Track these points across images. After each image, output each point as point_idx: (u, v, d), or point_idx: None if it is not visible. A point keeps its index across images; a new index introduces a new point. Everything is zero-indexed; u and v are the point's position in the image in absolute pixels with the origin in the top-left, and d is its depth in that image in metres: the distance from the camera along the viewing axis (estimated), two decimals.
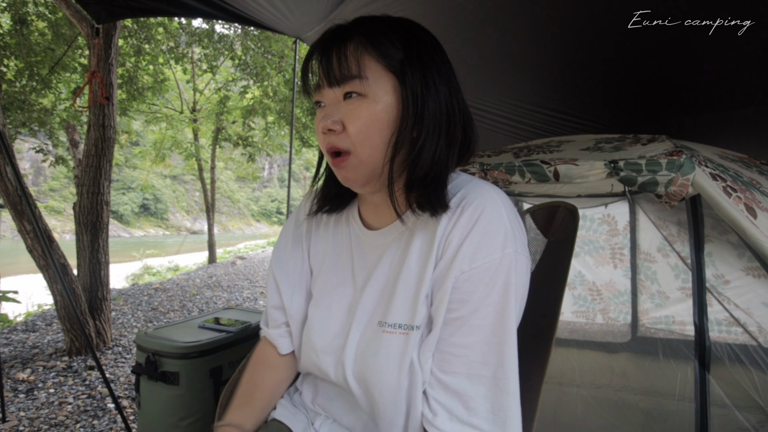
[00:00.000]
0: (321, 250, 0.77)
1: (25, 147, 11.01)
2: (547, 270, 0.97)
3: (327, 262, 0.75)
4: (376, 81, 0.57)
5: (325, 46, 0.59)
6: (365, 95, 0.57)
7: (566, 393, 2.07)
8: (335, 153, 0.60)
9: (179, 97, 9.21)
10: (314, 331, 0.71)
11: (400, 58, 0.58)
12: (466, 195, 0.60)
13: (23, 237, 2.83)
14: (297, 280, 0.77)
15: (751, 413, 1.55)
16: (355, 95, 0.58)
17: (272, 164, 48.78)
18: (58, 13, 4.80)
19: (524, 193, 2.23)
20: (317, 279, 0.75)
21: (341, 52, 0.58)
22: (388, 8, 1.76)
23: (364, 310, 0.66)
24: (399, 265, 0.64)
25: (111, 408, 2.42)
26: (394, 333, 0.61)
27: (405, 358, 0.59)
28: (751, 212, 1.05)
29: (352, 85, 0.57)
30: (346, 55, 0.57)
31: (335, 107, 0.59)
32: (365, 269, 0.69)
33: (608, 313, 2.33)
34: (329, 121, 0.58)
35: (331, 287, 0.72)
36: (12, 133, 5.22)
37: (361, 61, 0.57)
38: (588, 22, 1.59)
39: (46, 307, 4.98)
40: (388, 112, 0.58)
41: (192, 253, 15.80)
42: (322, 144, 0.62)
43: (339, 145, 0.59)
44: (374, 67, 0.58)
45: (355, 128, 0.57)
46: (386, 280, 0.65)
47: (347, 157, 0.59)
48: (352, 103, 0.58)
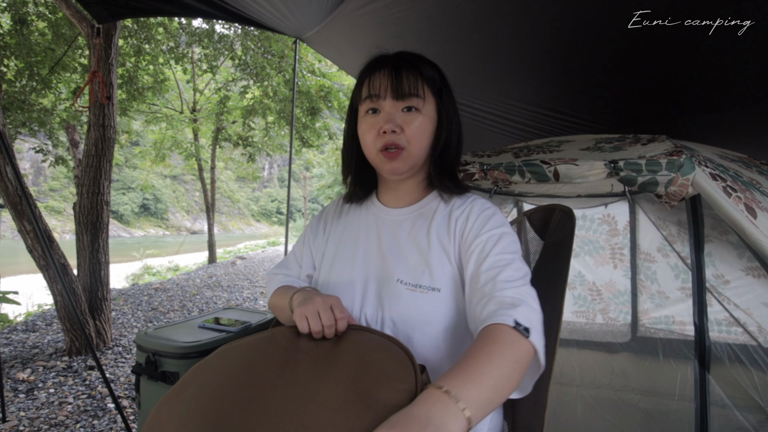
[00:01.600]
0: (342, 230, 0.93)
1: (25, 147, 11.01)
2: (546, 271, 0.97)
3: (347, 238, 0.91)
4: (427, 100, 0.80)
5: (395, 66, 0.79)
6: (420, 110, 0.79)
7: (566, 393, 2.07)
8: (392, 148, 0.78)
9: (179, 97, 9.21)
10: (338, 284, 0.86)
11: (440, 86, 0.82)
12: (471, 197, 0.87)
13: (23, 237, 2.83)
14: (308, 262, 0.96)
15: (751, 413, 1.55)
16: (414, 109, 0.78)
17: (272, 164, 48.79)
18: (58, 13, 4.79)
19: (524, 193, 2.23)
20: (339, 249, 0.91)
21: (410, 75, 0.78)
22: (388, 9, 1.76)
23: (377, 267, 0.83)
24: (416, 237, 0.83)
25: (111, 408, 2.42)
26: (415, 291, 0.77)
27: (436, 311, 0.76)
28: (751, 212, 1.05)
29: (414, 101, 0.78)
30: (413, 79, 0.78)
31: (395, 114, 0.78)
32: (380, 236, 0.87)
33: (608, 313, 2.33)
34: (392, 125, 0.77)
35: (351, 251, 0.88)
36: (12, 133, 5.22)
37: (423, 85, 0.79)
38: (588, 23, 1.59)
39: (46, 307, 4.98)
40: (432, 122, 0.81)
41: (192, 253, 15.80)
42: (375, 142, 0.79)
43: (398, 143, 0.78)
44: (427, 90, 0.80)
45: (411, 132, 0.78)
46: (401, 246, 0.83)
47: (401, 151, 0.78)
48: (411, 114, 0.78)
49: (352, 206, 0.96)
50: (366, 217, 0.91)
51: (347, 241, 0.90)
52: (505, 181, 1.36)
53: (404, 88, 0.77)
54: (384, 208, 0.90)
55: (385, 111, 0.79)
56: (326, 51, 2.60)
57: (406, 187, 0.88)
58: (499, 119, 2.50)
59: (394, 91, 0.77)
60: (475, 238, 0.78)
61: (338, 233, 0.93)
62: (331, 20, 2.03)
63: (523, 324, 0.61)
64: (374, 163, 0.83)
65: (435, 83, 0.81)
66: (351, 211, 0.95)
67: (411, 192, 0.88)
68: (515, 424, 0.89)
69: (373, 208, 0.92)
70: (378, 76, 0.79)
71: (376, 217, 0.90)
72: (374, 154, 0.81)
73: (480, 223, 0.80)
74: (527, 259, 1.07)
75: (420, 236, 0.83)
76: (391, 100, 0.78)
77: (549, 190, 2.16)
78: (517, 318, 0.62)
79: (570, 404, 2.03)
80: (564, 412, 2.00)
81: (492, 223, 0.80)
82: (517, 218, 1.13)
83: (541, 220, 1.05)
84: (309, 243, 0.97)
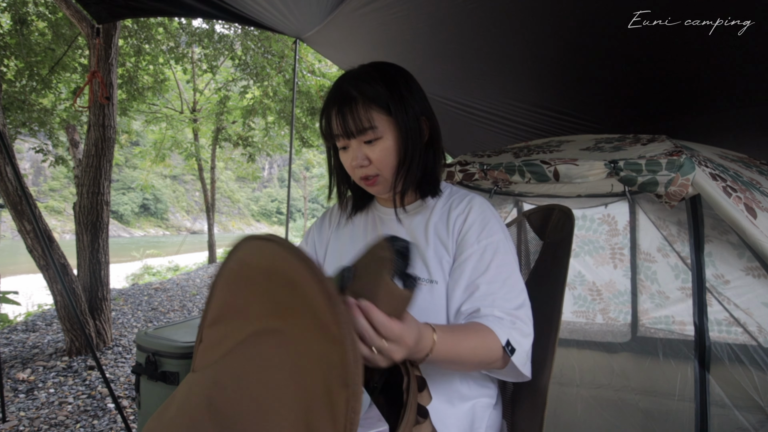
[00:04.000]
0: (344, 234, 0.96)
1: (25, 147, 11.01)
2: (545, 271, 0.97)
3: (348, 243, 0.93)
4: (381, 124, 0.79)
5: (340, 108, 0.78)
6: (378, 137, 0.79)
7: (566, 393, 2.07)
8: (367, 178, 0.82)
9: (179, 97, 9.21)
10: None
11: (387, 101, 0.79)
12: (470, 195, 0.89)
13: (23, 237, 2.83)
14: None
15: (751, 413, 1.55)
16: (372, 140, 0.79)
17: (272, 164, 48.78)
18: (58, 13, 4.79)
19: (524, 193, 2.23)
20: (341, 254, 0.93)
21: (355, 111, 0.77)
22: (388, 9, 1.76)
23: None
24: (414, 233, 0.87)
25: (111, 408, 2.42)
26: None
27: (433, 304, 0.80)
28: (751, 212, 1.05)
29: (368, 134, 0.78)
30: (357, 114, 0.77)
31: (359, 150, 0.80)
32: (378, 232, 0.90)
33: (608, 313, 2.32)
34: (358, 161, 0.80)
35: (353, 249, 0.90)
36: (12, 133, 5.22)
37: (369, 115, 0.78)
38: (588, 23, 1.59)
39: (46, 307, 4.98)
40: (395, 140, 0.80)
41: (192, 253, 15.80)
42: (354, 174, 0.83)
43: (369, 173, 0.81)
44: (376, 115, 0.78)
45: (377, 160, 0.80)
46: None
47: (376, 178, 0.82)
48: (371, 145, 0.80)
49: (358, 213, 0.99)
50: (365, 216, 0.96)
51: (349, 246, 0.93)
52: (505, 181, 1.36)
53: (351, 127, 0.78)
54: (382, 207, 0.94)
55: (351, 148, 0.81)
56: (326, 51, 2.60)
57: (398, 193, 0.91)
58: (499, 119, 2.50)
59: (346, 133, 0.79)
60: (474, 243, 0.80)
61: (345, 235, 0.96)
62: (331, 20, 2.03)
63: (511, 345, 0.71)
64: (362, 187, 0.87)
65: (381, 100, 0.78)
66: (356, 217, 0.98)
67: (406, 195, 0.90)
68: (514, 423, 0.89)
69: (372, 209, 0.96)
70: (332, 116, 0.80)
71: (374, 216, 0.94)
72: (358, 182, 0.85)
73: (478, 227, 0.82)
74: (527, 259, 1.07)
75: (418, 233, 0.86)
76: (347, 140, 0.80)
77: (549, 190, 2.16)
78: (511, 339, 0.71)
79: (570, 404, 2.03)
80: (564, 412, 2.00)
81: (490, 228, 0.82)
82: (517, 218, 1.13)
83: (540, 220, 1.05)
84: (314, 241, 0.99)
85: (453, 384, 0.80)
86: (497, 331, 0.71)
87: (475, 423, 0.79)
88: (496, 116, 2.47)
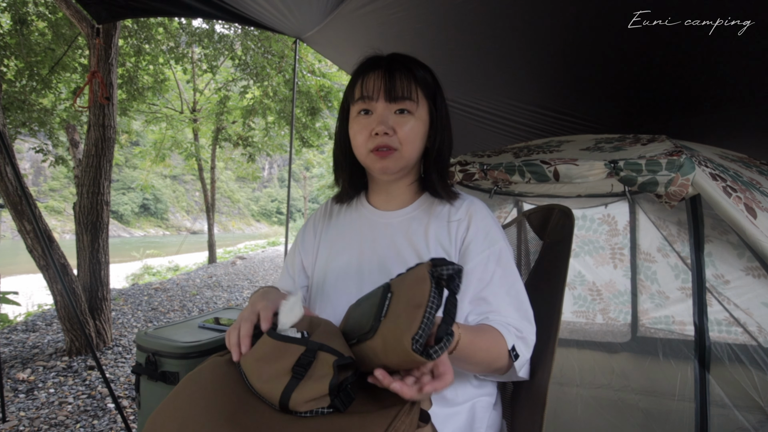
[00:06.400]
0: (333, 233, 0.93)
1: (25, 147, 11.01)
2: (545, 271, 0.97)
3: (340, 241, 0.90)
4: (420, 104, 0.79)
5: (389, 68, 0.78)
6: (413, 113, 0.78)
7: (566, 393, 2.07)
8: (384, 148, 0.78)
9: (179, 97, 9.20)
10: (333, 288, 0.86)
11: (434, 90, 0.82)
12: (468, 199, 0.88)
13: (23, 237, 2.83)
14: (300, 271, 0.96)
15: (751, 413, 1.55)
16: (406, 112, 0.78)
17: (272, 164, 48.76)
18: (58, 13, 4.79)
19: (524, 193, 2.23)
20: (332, 253, 0.90)
21: (404, 78, 0.77)
22: (388, 9, 1.76)
23: (372, 271, 0.83)
24: (412, 239, 0.83)
25: (111, 408, 2.42)
26: None
27: None
28: (751, 212, 1.05)
29: (407, 104, 0.78)
30: (406, 81, 0.77)
31: (387, 116, 0.77)
32: (375, 240, 0.86)
33: (608, 313, 2.32)
34: (384, 127, 0.76)
35: (346, 254, 0.88)
36: (12, 133, 5.22)
37: (416, 88, 0.78)
38: (588, 23, 1.59)
39: (46, 307, 4.97)
40: (425, 125, 0.81)
41: (192, 253, 15.79)
42: (366, 143, 0.79)
43: (390, 144, 0.77)
44: (421, 94, 0.79)
45: (403, 134, 0.78)
46: (398, 248, 0.84)
47: (393, 152, 0.78)
48: (404, 117, 0.78)
49: (343, 207, 0.95)
50: (358, 220, 0.91)
51: (340, 245, 0.90)
52: (505, 181, 1.36)
53: (397, 90, 0.77)
54: (375, 210, 0.90)
55: (377, 113, 0.78)
56: (326, 51, 2.60)
57: (397, 189, 0.88)
58: (499, 119, 2.50)
59: (387, 93, 0.77)
60: (478, 253, 0.80)
61: (330, 236, 0.93)
62: (331, 20, 2.03)
63: (516, 351, 0.74)
64: (364, 163, 0.83)
65: (429, 87, 0.81)
66: (342, 212, 0.95)
67: (402, 194, 0.88)
68: (514, 423, 0.89)
69: (363, 211, 0.91)
70: (371, 78, 0.78)
71: (368, 220, 0.89)
72: (365, 155, 0.81)
73: (482, 236, 0.82)
74: (527, 259, 1.07)
75: (417, 239, 0.83)
76: (383, 102, 0.78)
77: (549, 190, 2.16)
78: (516, 345, 0.74)
79: (570, 404, 2.03)
80: (564, 412, 2.00)
81: (492, 237, 0.82)
82: (517, 218, 1.13)
83: (540, 220, 1.05)
84: (299, 251, 0.96)
85: (453, 384, 0.80)
86: (506, 336, 0.73)
87: (475, 423, 0.79)
88: (496, 116, 2.47)
